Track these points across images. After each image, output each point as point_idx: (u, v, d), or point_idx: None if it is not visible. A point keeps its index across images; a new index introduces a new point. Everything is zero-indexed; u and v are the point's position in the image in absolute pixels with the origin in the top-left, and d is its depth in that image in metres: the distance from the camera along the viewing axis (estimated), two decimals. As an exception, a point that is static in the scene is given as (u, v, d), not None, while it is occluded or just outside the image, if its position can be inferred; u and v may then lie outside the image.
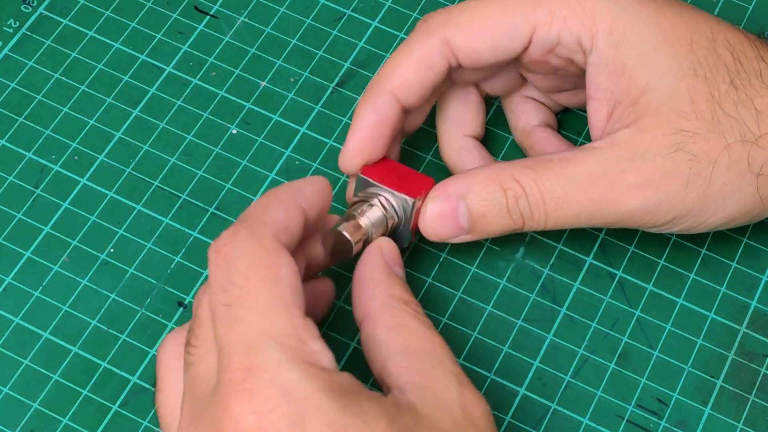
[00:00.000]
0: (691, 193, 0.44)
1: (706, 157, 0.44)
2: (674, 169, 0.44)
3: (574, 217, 0.45)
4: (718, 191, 0.45)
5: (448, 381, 0.40)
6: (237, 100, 0.54)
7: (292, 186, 0.43)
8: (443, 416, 0.38)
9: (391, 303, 0.42)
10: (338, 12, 0.56)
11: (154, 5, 0.56)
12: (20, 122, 0.53)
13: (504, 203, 0.45)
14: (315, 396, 0.36)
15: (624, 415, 0.47)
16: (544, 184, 0.45)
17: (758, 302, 0.50)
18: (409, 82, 0.47)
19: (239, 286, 0.38)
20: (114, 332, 0.48)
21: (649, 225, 0.46)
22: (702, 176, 0.44)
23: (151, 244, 0.50)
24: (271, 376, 0.36)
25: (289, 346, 0.37)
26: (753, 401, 0.47)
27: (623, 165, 0.45)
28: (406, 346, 0.41)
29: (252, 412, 0.36)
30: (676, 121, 0.44)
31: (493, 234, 0.46)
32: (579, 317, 0.49)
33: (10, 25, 0.56)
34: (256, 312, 0.37)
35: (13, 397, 0.47)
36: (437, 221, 0.46)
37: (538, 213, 0.45)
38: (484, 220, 0.46)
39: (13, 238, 0.50)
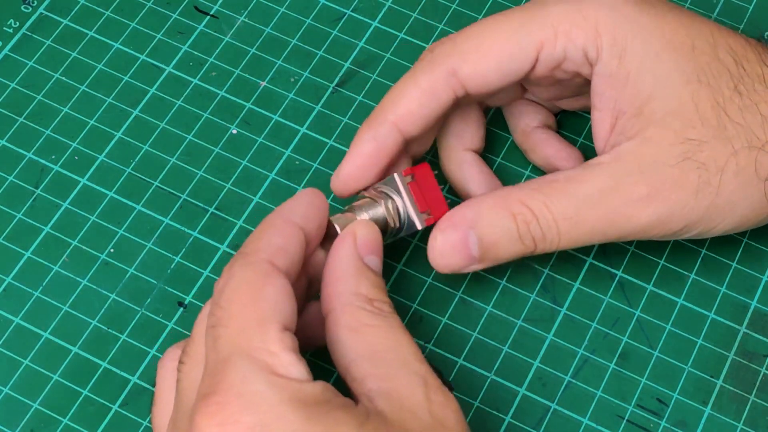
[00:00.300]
0: (701, 202, 0.44)
1: (714, 165, 0.44)
2: (683, 179, 0.44)
3: (588, 235, 0.45)
4: (727, 198, 0.44)
5: (413, 384, 0.39)
6: (237, 100, 0.54)
7: (284, 207, 0.43)
8: (411, 420, 0.38)
9: (354, 302, 0.41)
10: (338, 12, 0.56)
11: (154, 5, 0.56)
12: (20, 122, 0.53)
13: (515, 229, 0.45)
14: (280, 407, 0.36)
15: (624, 415, 0.47)
16: (554, 206, 0.45)
17: (758, 302, 0.50)
18: (412, 113, 0.46)
19: (222, 308, 0.39)
20: (114, 332, 0.48)
21: (660, 235, 0.46)
22: (711, 184, 0.44)
23: (151, 244, 0.50)
24: (238, 389, 0.37)
25: (258, 359, 0.37)
26: (753, 401, 0.47)
27: (632, 178, 0.44)
28: (369, 349, 0.40)
29: (216, 425, 0.36)
30: (682, 130, 0.44)
31: (503, 260, 0.46)
32: (579, 317, 0.49)
33: (10, 25, 0.56)
34: (231, 329, 0.38)
35: (13, 397, 0.47)
36: (448, 253, 0.45)
37: (550, 235, 0.45)
38: (495, 247, 0.45)
39: (13, 238, 0.50)
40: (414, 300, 0.49)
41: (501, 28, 0.46)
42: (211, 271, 0.50)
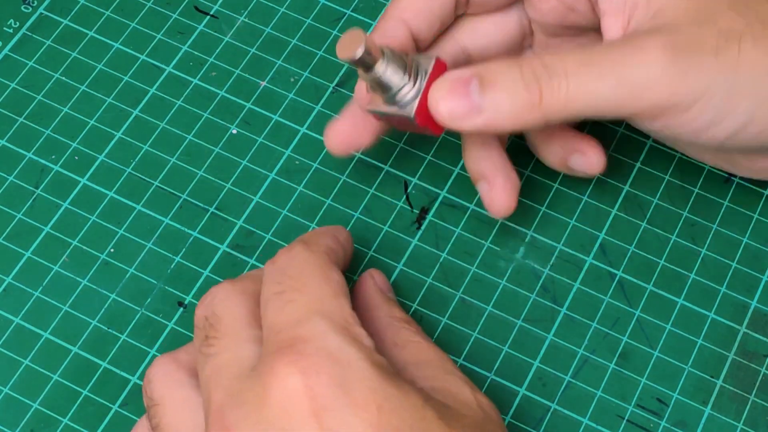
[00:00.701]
0: (722, 63, 0.42)
1: (732, 32, 0.42)
2: (702, 38, 0.42)
3: (600, 84, 0.41)
4: (748, 68, 0.42)
5: (461, 386, 0.41)
6: (237, 100, 0.54)
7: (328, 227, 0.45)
8: (465, 410, 0.39)
9: (394, 323, 0.44)
10: (338, 12, 0.56)
11: (154, 5, 0.56)
12: (20, 122, 0.53)
13: (519, 75, 0.42)
14: (360, 363, 0.37)
15: (624, 415, 0.47)
16: (565, 54, 0.42)
17: (758, 302, 0.50)
18: (417, 8, 0.46)
19: (292, 278, 0.40)
20: (114, 332, 0.48)
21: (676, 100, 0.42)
22: (730, 48, 0.42)
23: (151, 244, 0.50)
24: (319, 342, 0.37)
25: (336, 322, 0.38)
26: (753, 401, 0.47)
27: (646, 35, 0.42)
28: (415, 359, 0.42)
29: (299, 371, 0.36)
30: (695, 4, 0.43)
31: (506, 117, 0.42)
32: (579, 317, 0.49)
33: (10, 25, 0.56)
34: (307, 295, 0.39)
35: (13, 397, 0.47)
36: (447, 99, 0.43)
37: (557, 79, 0.42)
38: (496, 90, 0.42)
39: (13, 238, 0.50)
40: (414, 300, 0.49)
41: None
42: (211, 271, 0.50)
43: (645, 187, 0.52)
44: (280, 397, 0.36)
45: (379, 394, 0.36)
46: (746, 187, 0.52)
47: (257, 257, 0.50)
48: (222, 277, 0.49)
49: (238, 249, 0.50)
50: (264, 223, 0.51)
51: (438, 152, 0.52)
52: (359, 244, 0.50)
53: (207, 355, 0.40)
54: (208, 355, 0.40)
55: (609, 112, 0.43)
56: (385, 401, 0.36)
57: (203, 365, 0.40)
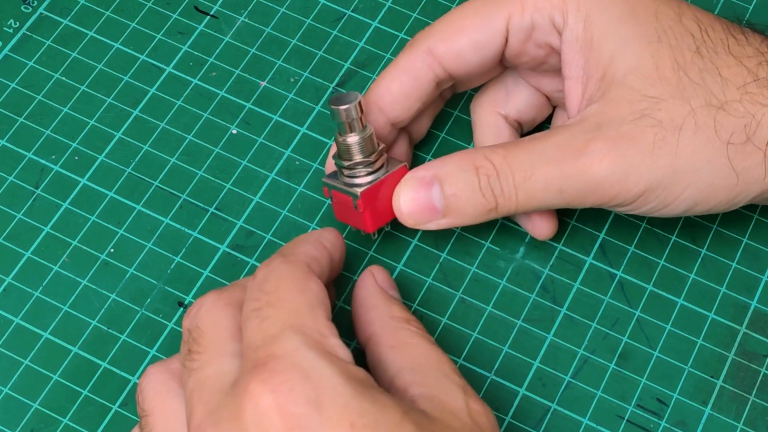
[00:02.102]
0: (659, 160, 0.44)
1: (671, 123, 0.44)
2: (639, 135, 0.44)
3: (543, 190, 0.45)
4: (687, 160, 0.44)
5: (454, 392, 0.41)
6: (237, 100, 0.54)
7: (314, 233, 0.45)
8: (452, 420, 0.39)
9: (392, 323, 0.44)
10: (338, 12, 0.56)
11: (154, 5, 0.56)
12: (20, 122, 0.53)
13: (476, 182, 0.45)
14: (333, 378, 0.37)
15: (624, 415, 0.47)
16: (513, 159, 0.45)
17: (758, 302, 0.50)
18: (393, 95, 0.48)
19: (268, 293, 0.40)
20: (114, 332, 0.48)
21: (621, 199, 0.45)
22: (668, 142, 0.44)
23: (151, 244, 0.50)
24: (292, 359, 0.37)
25: (310, 337, 0.38)
26: (753, 401, 0.47)
27: (589, 135, 0.44)
28: (411, 362, 0.42)
29: (271, 390, 0.36)
30: (641, 88, 0.44)
31: (468, 217, 0.46)
32: (579, 317, 0.49)
33: (10, 25, 0.56)
34: (281, 310, 0.39)
35: (13, 397, 0.47)
36: (411, 204, 0.46)
37: (507, 188, 0.45)
38: (457, 200, 0.45)
39: (13, 238, 0.50)
40: (414, 300, 0.49)
41: (471, 6, 0.48)
42: (211, 271, 0.50)
43: (645, 187, 0.52)
44: (254, 417, 0.36)
45: (352, 411, 0.36)
46: (746, 187, 0.52)
47: (257, 257, 0.50)
48: (222, 277, 0.49)
49: (238, 249, 0.50)
50: (264, 223, 0.51)
51: (438, 152, 0.52)
52: (359, 244, 0.50)
53: (190, 370, 0.40)
54: (191, 369, 0.40)
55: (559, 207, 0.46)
56: (359, 417, 0.36)
57: (186, 379, 0.40)
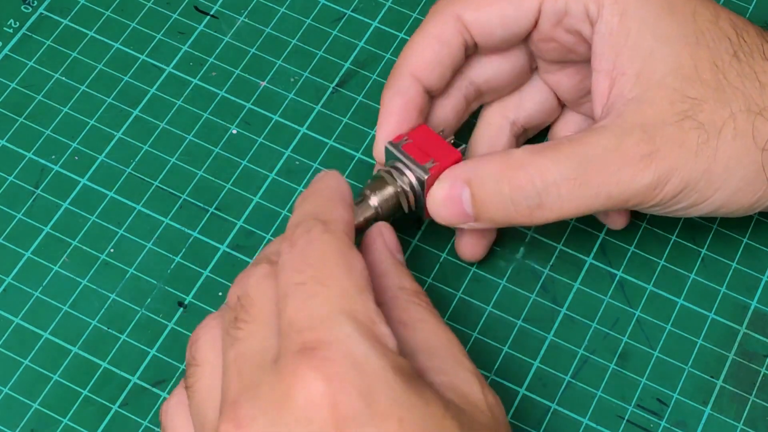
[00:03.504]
0: (700, 163, 0.44)
1: (712, 126, 0.44)
2: (683, 137, 0.44)
3: (592, 198, 0.44)
4: (724, 163, 0.44)
5: (471, 382, 0.40)
6: (237, 100, 0.54)
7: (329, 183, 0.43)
8: (478, 414, 0.39)
9: (403, 296, 0.42)
10: (338, 12, 0.56)
11: (154, 5, 0.56)
12: (20, 122, 0.53)
13: (507, 194, 0.44)
14: (384, 372, 0.36)
15: (624, 415, 0.47)
16: (557, 168, 0.44)
17: (758, 302, 0.50)
18: (426, 60, 0.47)
19: (314, 267, 0.38)
20: (114, 332, 0.48)
21: (660, 199, 0.44)
22: (710, 145, 0.44)
23: (151, 244, 0.50)
24: (344, 348, 0.36)
25: (362, 324, 0.37)
26: (753, 401, 0.47)
27: (634, 137, 0.44)
28: (424, 344, 0.40)
29: (323, 378, 0.35)
30: (681, 89, 0.44)
31: (501, 224, 0.45)
32: (579, 317, 0.49)
33: (10, 25, 0.56)
34: (331, 289, 0.38)
35: (13, 397, 0.47)
36: (442, 205, 0.45)
37: (550, 200, 0.44)
38: (486, 208, 0.44)
39: (13, 238, 0.50)
40: (414, 300, 0.49)
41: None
42: (211, 271, 0.50)
43: (645, 187, 0.52)
44: (302, 402, 0.35)
45: (401, 405, 0.36)
46: (746, 187, 0.52)
47: (257, 257, 0.50)
48: (222, 278, 0.49)
49: (238, 249, 0.50)
50: (264, 223, 0.51)
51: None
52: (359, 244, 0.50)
53: (234, 338, 0.39)
54: (235, 338, 0.39)
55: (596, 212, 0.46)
56: (407, 413, 0.36)
57: (228, 347, 0.39)
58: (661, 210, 0.45)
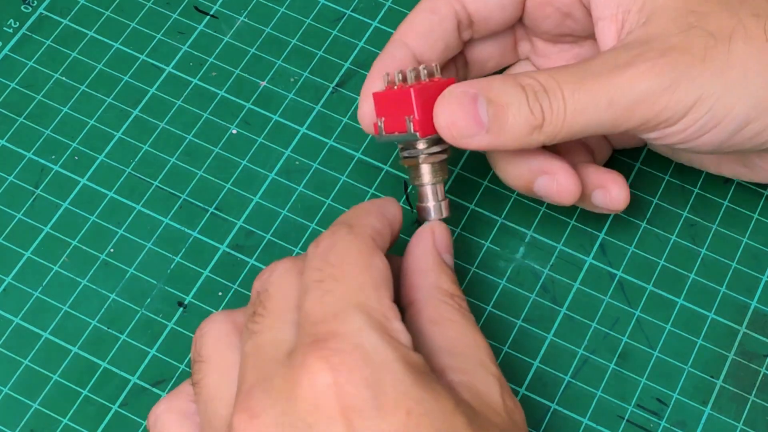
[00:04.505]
0: (710, 69, 0.42)
1: (721, 33, 0.43)
2: (689, 45, 0.43)
3: (592, 103, 0.43)
4: (739, 70, 0.43)
5: (491, 384, 0.40)
6: (237, 100, 0.54)
7: (376, 202, 0.43)
8: (494, 416, 0.39)
9: (437, 295, 0.42)
10: (338, 12, 0.56)
11: (154, 5, 0.56)
12: (20, 122, 0.53)
13: (524, 96, 0.43)
14: (393, 364, 0.36)
15: (624, 415, 0.47)
16: (559, 75, 0.43)
17: (758, 302, 0.50)
18: (416, 29, 0.47)
19: (333, 265, 0.39)
20: (114, 332, 0.48)
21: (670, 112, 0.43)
22: (719, 51, 0.42)
23: (151, 244, 0.50)
24: (354, 339, 0.36)
25: (374, 318, 0.37)
26: (753, 401, 0.47)
27: (638, 50, 0.43)
28: (449, 343, 0.41)
29: (330, 368, 0.36)
30: (685, 5, 0.43)
31: (510, 135, 0.43)
32: (579, 317, 0.49)
33: (10, 25, 0.56)
34: (346, 285, 0.38)
35: (13, 397, 0.47)
36: (454, 115, 0.43)
37: (556, 102, 0.43)
38: (504, 113, 0.43)
39: (13, 238, 0.50)
40: (414, 300, 0.49)
41: None
42: (211, 271, 0.50)
43: (645, 187, 0.52)
44: (310, 392, 0.36)
45: (409, 398, 0.36)
46: (746, 187, 0.52)
47: (257, 257, 0.50)
48: (222, 278, 0.49)
49: (238, 249, 0.50)
50: (264, 223, 0.51)
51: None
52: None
53: (251, 332, 0.39)
54: (252, 332, 0.39)
55: (603, 131, 0.43)
56: (415, 405, 0.36)
57: (246, 340, 0.39)
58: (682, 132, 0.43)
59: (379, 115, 0.45)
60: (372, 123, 0.46)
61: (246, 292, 0.49)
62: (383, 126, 0.44)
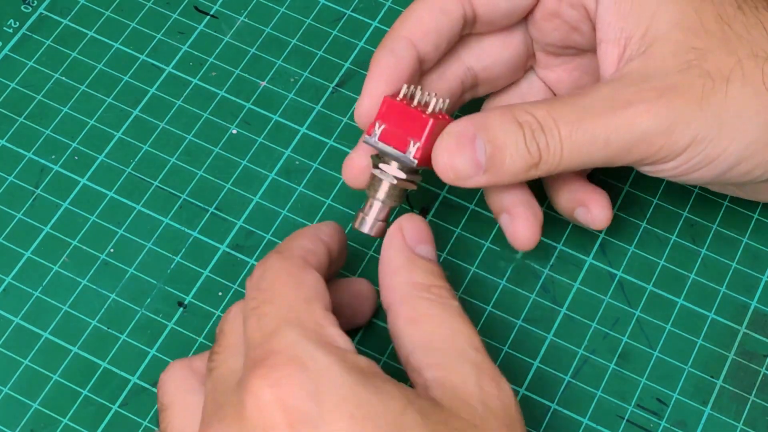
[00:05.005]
0: (707, 111, 0.43)
1: (719, 73, 0.43)
2: (687, 85, 0.43)
3: (590, 143, 0.43)
4: (735, 112, 0.43)
5: (466, 374, 0.39)
6: (237, 100, 0.54)
7: (310, 227, 0.44)
8: (463, 408, 0.38)
9: (412, 292, 0.42)
10: (338, 12, 0.56)
11: (154, 5, 0.56)
12: (20, 122, 0.53)
13: (521, 135, 0.43)
14: (331, 369, 0.37)
15: (624, 415, 0.47)
16: (557, 113, 0.43)
17: (758, 302, 0.50)
18: (425, 28, 0.46)
19: (264, 290, 0.40)
20: (114, 332, 0.48)
21: (666, 152, 0.43)
22: (717, 92, 0.43)
23: (151, 244, 0.50)
24: (289, 352, 0.37)
25: (307, 329, 0.38)
26: (753, 401, 0.47)
27: (636, 86, 0.43)
28: (425, 339, 0.40)
29: (269, 385, 0.36)
30: (686, 40, 0.43)
31: (508, 174, 0.44)
32: (579, 317, 0.49)
33: (10, 25, 0.56)
34: (277, 306, 0.39)
35: (13, 397, 0.47)
36: (452, 157, 0.43)
37: (553, 142, 0.43)
38: (502, 153, 0.43)
39: (13, 238, 0.50)
40: (414, 300, 0.49)
41: None
42: (211, 271, 0.50)
43: (645, 188, 0.52)
44: (255, 412, 0.36)
45: (351, 402, 0.36)
46: (746, 187, 0.52)
47: (257, 257, 0.50)
48: (222, 278, 0.49)
49: (238, 249, 0.50)
50: (264, 223, 0.51)
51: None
52: (359, 244, 0.50)
53: (209, 369, 0.40)
54: (210, 369, 0.40)
55: (599, 165, 0.44)
56: (358, 409, 0.36)
57: (207, 379, 0.40)
58: (677, 168, 0.44)
59: (380, 119, 0.44)
60: (368, 122, 0.45)
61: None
62: (380, 132, 0.44)
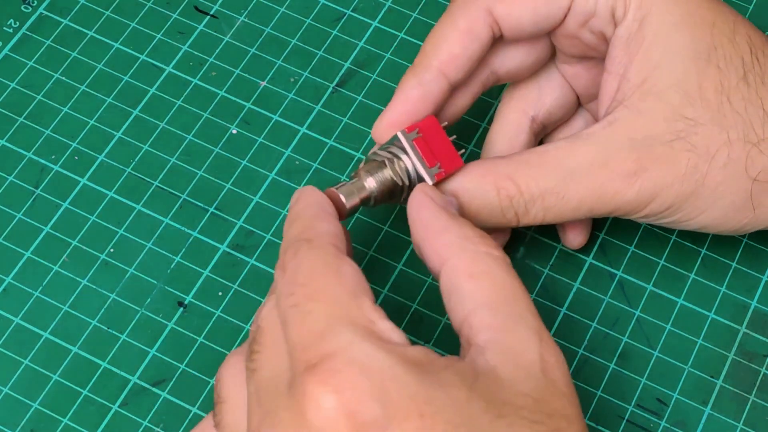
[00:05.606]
0: (687, 186, 0.44)
1: (706, 151, 0.44)
2: (673, 159, 0.44)
3: (573, 211, 0.45)
4: (712, 189, 0.44)
5: (529, 340, 0.38)
6: (237, 100, 0.54)
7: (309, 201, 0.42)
8: (524, 380, 0.37)
9: (470, 246, 0.40)
10: (338, 12, 0.56)
11: (154, 5, 0.56)
12: (20, 122, 0.53)
13: (497, 203, 0.44)
14: (393, 369, 0.35)
15: (624, 415, 0.47)
16: (541, 180, 0.44)
17: (758, 302, 0.50)
18: (456, 57, 0.46)
19: (304, 285, 0.38)
20: (114, 332, 0.48)
21: (644, 215, 0.45)
22: (699, 170, 0.44)
23: (151, 244, 0.50)
24: (347, 355, 0.35)
25: (360, 326, 0.36)
26: (753, 401, 0.47)
27: (622, 153, 0.44)
28: (489, 298, 0.39)
29: (332, 391, 0.35)
30: (680, 106, 0.44)
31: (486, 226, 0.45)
32: (579, 317, 0.49)
33: (10, 25, 0.56)
34: (323, 302, 0.37)
35: (13, 397, 0.47)
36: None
37: (534, 209, 0.44)
38: (475, 218, 0.44)
39: (13, 238, 0.50)
40: (414, 300, 0.49)
41: None
42: (211, 271, 0.50)
43: (645, 187, 0.52)
44: (319, 419, 0.35)
45: (419, 400, 0.35)
46: (746, 187, 0.52)
47: (257, 257, 0.50)
48: (222, 278, 0.49)
49: (238, 249, 0.50)
50: (264, 223, 0.51)
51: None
52: (359, 244, 0.50)
53: (251, 371, 0.39)
54: (252, 370, 0.39)
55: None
56: (427, 406, 0.35)
57: (249, 381, 0.39)
58: (647, 221, 0.46)
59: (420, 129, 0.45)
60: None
61: (246, 292, 0.49)
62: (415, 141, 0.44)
